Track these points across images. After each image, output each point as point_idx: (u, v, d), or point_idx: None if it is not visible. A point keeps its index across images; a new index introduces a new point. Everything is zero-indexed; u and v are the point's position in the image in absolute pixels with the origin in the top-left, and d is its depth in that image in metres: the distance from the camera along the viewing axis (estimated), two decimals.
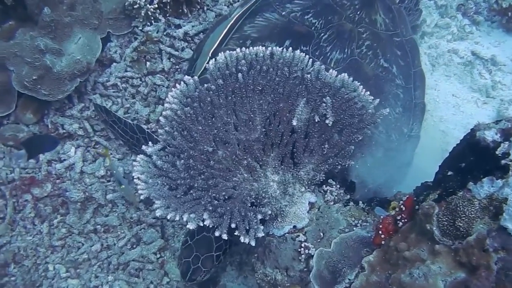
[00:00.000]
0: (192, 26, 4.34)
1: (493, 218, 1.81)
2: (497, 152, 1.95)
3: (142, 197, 2.41)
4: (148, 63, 4.24)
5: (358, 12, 3.60)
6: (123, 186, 3.69)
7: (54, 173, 3.98)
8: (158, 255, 3.95)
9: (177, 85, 2.63)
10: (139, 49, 4.20)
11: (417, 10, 4.41)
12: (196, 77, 2.65)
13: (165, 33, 4.29)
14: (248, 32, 3.55)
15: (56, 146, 4.02)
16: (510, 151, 1.90)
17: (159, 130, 2.59)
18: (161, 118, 2.59)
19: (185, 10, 4.35)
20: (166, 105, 2.58)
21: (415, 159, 3.86)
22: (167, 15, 4.32)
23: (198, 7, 4.44)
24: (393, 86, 3.54)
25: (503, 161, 1.89)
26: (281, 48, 2.73)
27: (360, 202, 2.94)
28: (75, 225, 3.91)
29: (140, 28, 4.25)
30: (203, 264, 3.01)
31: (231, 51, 2.68)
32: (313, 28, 3.49)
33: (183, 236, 3.90)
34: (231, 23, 3.48)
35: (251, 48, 2.69)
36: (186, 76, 2.64)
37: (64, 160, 4.02)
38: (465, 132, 3.63)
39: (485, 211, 1.84)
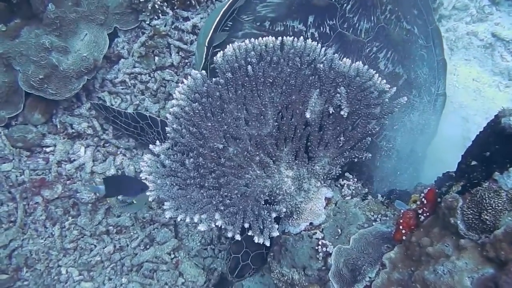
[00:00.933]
0: (201, 18, 4.23)
1: None
2: None
3: (150, 199, 2.32)
4: (156, 58, 4.14)
5: None
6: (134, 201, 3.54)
7: (64, 174, 3.92)
8: (172, 255, 3.89)
9: (184, 80, 2.52)
10: (147, 43, 4.10)
11: None
12: (203, 72, 2.55)
13: (173, 27, 4.19)
14: (263, 13, 3.30)
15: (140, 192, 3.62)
16: None
17: (166, 128, 2.50)
18: (168, 115, 2.50)
19: (193, 2, 4.24)
20: (173, 101, 2.49)
21: (435, 149, 3.74)
22: (175, 7, 4.21)
23: None
24: (418, 47, 3.49)
25: None
26: (292, 37, 2.60)
27: (379, 195, 2.84)
28: (86, 227, 3.85)
29: (148, 22, 4.16)
30: (253, 261, 2.92)
31: (239, 43, 2.57)
32: (333, 0, 3.27)
33: None
34: (224, 8, 3.23)
35: (260, 39, 2.58)
36: (193, 70, 2.54)
37: (74, 160, 3.96)
38: (487, 118, 3.49)
39: None
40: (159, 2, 4.02)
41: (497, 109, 3.15)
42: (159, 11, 4.11)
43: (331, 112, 2.58)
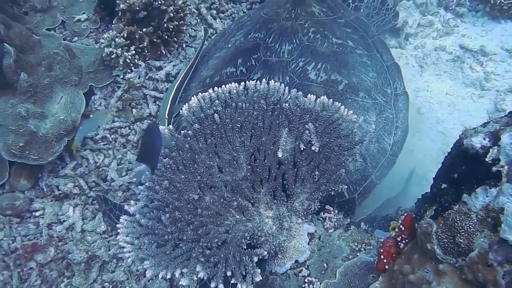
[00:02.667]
0: (173, 66, 4.33)
1: (492, 230, 1.69)
2: (487, 159, 1.84)
3: (129, 261, 2.34)
4: (134, 110, 4.22)
5: (293, 11, 3.82)
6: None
7: (56, 235, 3.94)
8: None
9: None
10: (123, 97, 4.19)
11: (388, 9, 4.40)
12: (171, 126, 2.59)
13: (147, 77, 4.28)
14: (205, 74, 3.80)
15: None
16: (500, 156, 1.79)
17: (138, 187, 2.53)
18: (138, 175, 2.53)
19: (164, 51, 4.34)
20: None
21: (418, 166, 3.77)
22: (147, 58, 4.31)
23: (176, 46, 4.43)
24: (356, 56, 3.64)
25: (494, 168, 1.78)
26: (254, 81, 2.66)
27: (362, 223, 2.85)
28: (82, 286, 3.85)
29: (122, 76, 4.24)
30: None
31: (203, 93, 2.62)
32: (258, 40, 3.72)
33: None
34: (177, 83, 3.74)
35: (223, 87, 2.63)
36: (160, 126, 2.58)
37: (64, 221, 3.98)
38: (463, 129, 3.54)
39: (483, 223, 1.73)
40: (130, 56, 4.10)
41: (473, 121, 3.19)
42: (132, 64, 4.19)
43: (302, 148, 2.61)
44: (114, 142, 4.21)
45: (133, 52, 4.15)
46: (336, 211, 2.88)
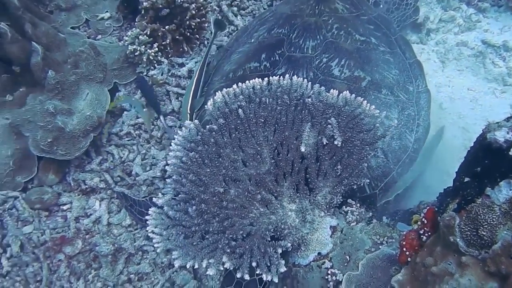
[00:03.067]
0: (195, 62, 4.38)
1: None
2: (510, 153, 1.87)
3: (158, 251, 2.41)
4: None
5: (317, 7, 3.86)
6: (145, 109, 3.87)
7: (83, 229, 4.03)
8: None
9: (178, 131, 2.63)
10: None
11: (408, 4, 4.41)
12: (196, 121, 2.65)
13: (170, 74, 4.34)
14: (228, 69, 3.81)
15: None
16: None
17: (167, 180, 2.59)
18: (167, 168, 2.60)
19: (186, 48, 4.40)
20: (170, 153, 2.59)
21: (440, 161, 3.77)
22: (169, 56, 4.37)
23: (198, 42, 4.49)
24: (379, 53, 3.66)
25: None
26: (278, 76, 2.71)
27: (384, 217, 2.89)
28: (109, 278, 3.93)
29: (145, 73, 4.30)
30: None
31: (227, 89, 2.68)
32: (281, 36, 3.74)
33: None
34: (195, 79, 3.80)
35: (247, 82, 2.69)
36: (186, 121, 2.64)
37: (91, 214, 4.07)
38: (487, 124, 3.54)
39: (507, 216, 1.76)
40: (153, 53, 4.17)
41: (495, 116, 3.19)
42: (155, 62, 4.26)
43: (325, 142, 2.65)
44: (138, 138, 4.28)
45: (156, 49, 4.22)
46: (358, 205, 2.92)
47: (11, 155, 3.89)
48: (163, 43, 4.25)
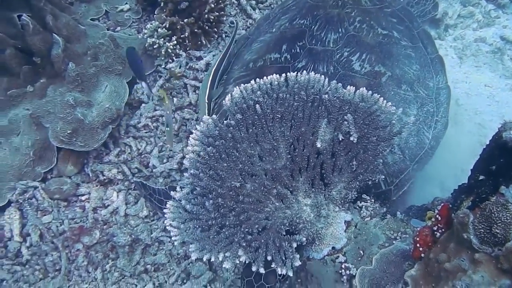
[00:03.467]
0: (213, 56, 4.42)
1: None
2: None
3: (176, 244, 2.46)
4: (175, 99, 4.32)
5: None
6: (167, 128, 3.78)
7: (101, 219, 4.10)
8: (209, 287, 4.00)
9: (197, 126, 2.67)
10: (164, 86, 4.30)
11: (428, 0, 4.37)
12: (214, 116, 2.69)
13: (187, 67, 4.39)
14: (248, 58, 3.80)
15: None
16: None
17: (184, 174, 2.64)
18: (185, 162, 2.64)
19: (204, 41, 4.44)
20: (188, 148, 2.63)
21: (455, 158, 3.78)
22: (187, 49, 4.42)
23: (216, 36, 4.52)
24: (401, 47, 3.64)
25: None
26: (296, 72, 2.73)
27: (398, 212, 2.91)
28: (126, 268, 4.01)
29: (163, 66, 4.36)
30: (265, 280, 2.78)
31: (245, 84, 2.71)
32: (303, 27, 3.70)
33: None
34: (214, 68, 3.81)
35: (264, 78, 2.71)
36: (204, 116, 2.68)
37: (108, 205, 4.14)
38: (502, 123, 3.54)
39: None
40: (171, 46, 4.21)
41: (511, 113, 3.18)
42: (173, 54, 4.31)
43: (341, 139, 2.68)
44: (155, 130, 4.34)
45: (175, 42, 4.27)
46: (373, 200, 2.94)
47: (31, 146, 3.98)
48: (181, 36, 4.30)
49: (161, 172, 4.20)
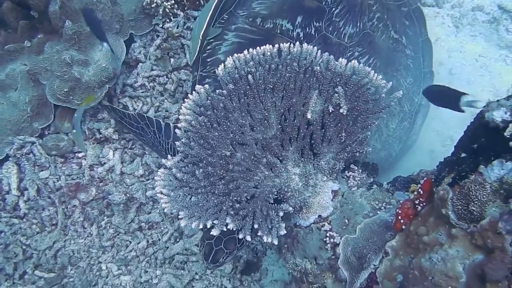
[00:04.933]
0: None
1: (504, 201, 1.82)
2: (505, 133, 1.92)
3: (166, 211, 2.55)
4: (172, 59, 4.32)
5: None
6: (74, 131, 3.90)
7: (97, 176, 4.19)
8: (201, 246, 4.09)
9: (189, 95, 2.71)
10: (162, 46, 4.29)
11: None
12: (207, 86, 2.72)
13: (185, 27, 4.35)
14: (257, 9, 3.53)
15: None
16: None
17: (176, 142, 2.70)
18: (177, 131, 2.70)
19: (202, 1, 4.39)
20: (180, 117, 2.68)
21: (442, 126, 3.84)
22: (185, 8, 4.36)
23: None
24: (404, 57, 3.61)
25: (511, 143, 1.87)
26: (288, 44, 2.75)
27: (385, 183, 2.99)
28: (121, 225, 4.13)
29: (161, 25, 4.33)
30: (225, 245, 2.90)
31: (238, 54, 2.73)
32: (323, 3, 3.46)
33: None
34: (214, 4, 3.50)
35: (257, 48, 2.73)
36: (197, 85, 2.72)
37: (104, 163, 4.22)
38: (494, 93, 3.60)
39: (496, 194, 1.85)
40: (169, 6, 4.19)
41: (503, 84, 3.20)
42: (171, 14, 4.27)
43: (331, 110, 2.72)
44: (152, 90, 4.37)
45: (173, 1, 4.21)
46: (360, 171, 3.02)
47: (29, 102, 4.02)
48: None
49: None
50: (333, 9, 3.45)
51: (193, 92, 2.70)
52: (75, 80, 3.86)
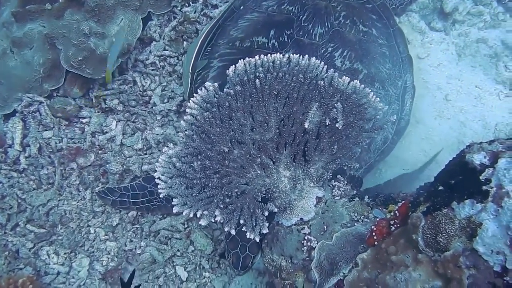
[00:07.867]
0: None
1: (469, 238, 1.98)
2: (481, 177, 2.07)
3: (161, 195, 2.73)
4: (185, 42, 4.45)
5: None
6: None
7: (97, 144, 4.32)
8: (186, 225, 4.26)
9: (198, 91, 2.86)
10: (177, 28, 4.40)
11: None
12: (216, 84, 2.88)
13: (202, 13, 4.45)
14: (235, 35, 3.88)
15: None
16: (492, 178, 2.03)
17: (179, 133, 2.87)
18: (182, 123, 2.85)
19: None
20: (187, 110, 2.83)
21: (430, 147, 4.03)
22: None
23: None
24: (377, 46, 3.82)
25: (484, 187, 2.02)
26: (298, 55, 2.90)
27: (366, 197, 3.17)
28: None
29: (179, 8, 4.44)
30: (250, 250, 3.20)
31: (249, 59, 2.89)
32: (291, 14, 3.78)
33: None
34: (201, 39, 3.83)
35: (269, 55, 2.88)
36: (207, 82, 2.87)
37: (106, 132, 4.35)
38: (482, 125, 3.78)
39: (463, 230, 2.02)
40: None
41: (493, 118, 3.37)
42: None
43: (327, 123, 2.89)
44: (161, 69, 4.49)
45: None
46: (346, 182, 3.21)
47: (42, 64, 4.17)
48: None
49: (160, 111, 4.39)
50: (301, 16, 3.74)
51: (203, 88, 2.86)
52: (90, 51, 4.00)
